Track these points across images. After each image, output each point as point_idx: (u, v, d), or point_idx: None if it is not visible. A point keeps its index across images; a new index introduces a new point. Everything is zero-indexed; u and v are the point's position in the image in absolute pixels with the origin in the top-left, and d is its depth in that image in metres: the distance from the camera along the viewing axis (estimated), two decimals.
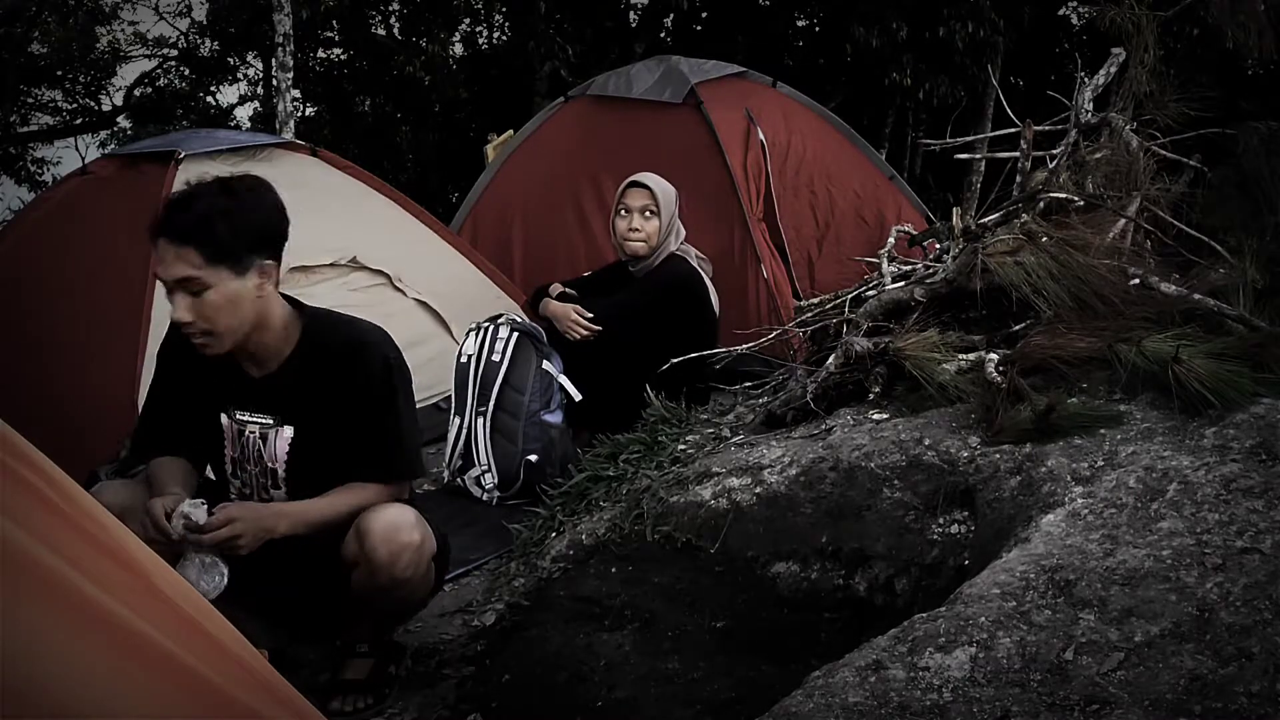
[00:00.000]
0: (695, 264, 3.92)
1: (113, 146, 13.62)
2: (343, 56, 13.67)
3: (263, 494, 2.35)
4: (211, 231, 2.07)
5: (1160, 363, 2.35)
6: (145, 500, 2.16)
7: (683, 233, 3.97)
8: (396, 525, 2.22)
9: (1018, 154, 3.35)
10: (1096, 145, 3.25)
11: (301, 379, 2.28)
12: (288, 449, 2.30)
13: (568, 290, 3.99)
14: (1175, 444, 2.21)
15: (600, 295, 3.93)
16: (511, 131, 6.42)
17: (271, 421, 2.31)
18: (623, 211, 3.88)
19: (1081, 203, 2.99)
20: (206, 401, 2.34)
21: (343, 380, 2.26)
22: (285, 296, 2.30)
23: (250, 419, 2.32)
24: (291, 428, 2.30)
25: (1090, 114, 3.37)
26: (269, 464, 2.32)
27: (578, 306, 3.85)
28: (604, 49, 11.84)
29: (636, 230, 3.85)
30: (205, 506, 2.12)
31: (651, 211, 3.83)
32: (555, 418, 3.72)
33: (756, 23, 11.98)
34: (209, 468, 2.43)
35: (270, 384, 2.29)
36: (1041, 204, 3.05)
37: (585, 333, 3.81)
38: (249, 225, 2.13)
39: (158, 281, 3.71)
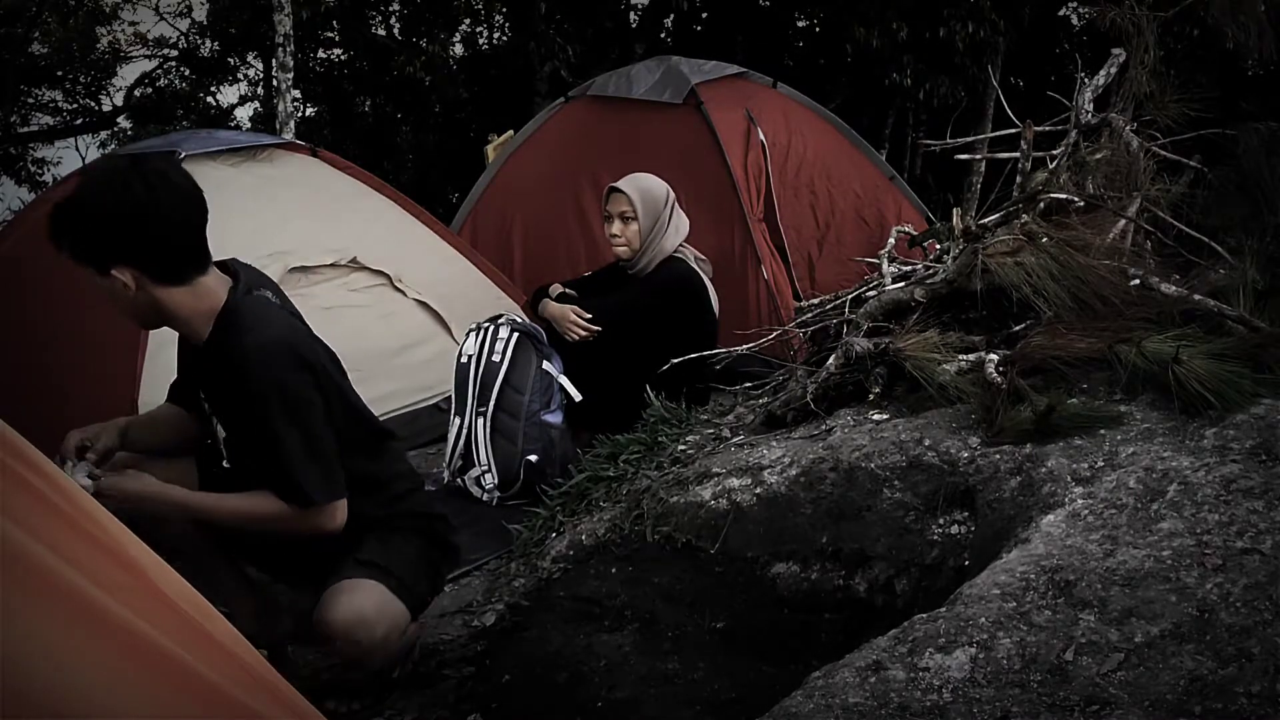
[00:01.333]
0: (694, 265, 3.92)
1: (113, 147, 13.63)
2: (343, 57, 13.67)
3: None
4: (61, 241, 2.10)
5: (1160, 363, 2.35)
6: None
7: (684, 229, 3.96)
8: (355, 626, 2.17)
9: (1018, 154, 3.35)
10: (1097, 146, 3.25)
11: (210, 374, 2.23)
12: (223, 440, 2.29)
13: (567, 291, 3.99)
14: (1175, 445, 2.21)
15: (599, 296, 3.93)
16: (512, 132, 6.43)
17: (209, 409, 2.29)
18: (607, 217, 3.90)
19: (1082, 203, 2.99)
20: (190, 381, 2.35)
21: (235, 387, 2.16)
22: (228, 269, 2.23)
23: (205, 400, 2.31)
24: (221, 425, 2.28)
25: (1090, 114, 3.37)
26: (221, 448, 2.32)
27: (575, 307, 3.85)
28: (604, 49, 11.83)
29: (616, 236, 3.86)
30: (86, 471, 2.15)
31: (629, 216, 3.84)
32: (555, 418, 3.73)
33: (756, 23, 11.98)
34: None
35: (200, 370, 2.27)
36: (1042, 204, 3.05)
37: (584, 333, 3.81)
38: (93, 236, 2.09)
39: None
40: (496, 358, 3.70)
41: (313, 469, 2.15)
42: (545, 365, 3.73)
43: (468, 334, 3.83)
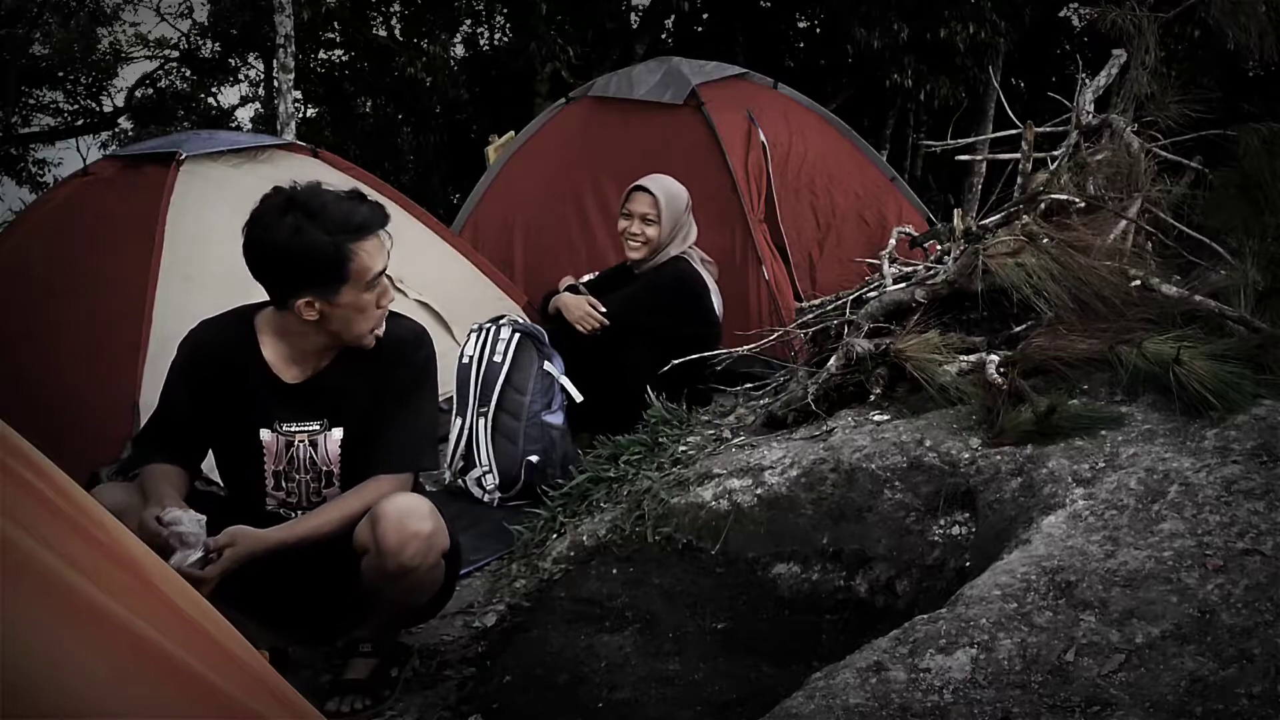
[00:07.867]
0: (699, 266, 3.93)
1: (114, 148, 13.61)
2: (344, 58, 13.67)
3: (313, 499, 2.37)
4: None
5: (1161, 364, 2.35)
6: (141, 502, 2.17)
7: (693, 235, 3.98)
8: (408, 513, 2.23)
9: (1019, 155, 3.35)
10: (1097, 146, 3.25)
11: (347, 378, 2.31)
12: (339, 449, 2.33)
13: (579, 285, 4.01)
14: (1176, 445, 2.21)
15: (604, 296, 3.94)
16: (513, 133, 6.42)
17: (319, 426, 2.33)
18: (626, 214, 3.90)
19: (1082, 204, 2.99)
20: (243, 420, 2.33)
21: (385, 377, 2.31)
22: None
23: (298, 428, 2.32)
24: (340, 429, 2.33)
25: (1091, 115, 3.37)
26: (323, 467, 2.34)
27: (593, 299, 3.86)
28: (605, 50, 11.83)
29: (635, 235, 3.87)
30: (199, 523, 2.08)
31: (652, 218, 3.85)
32: (556, 419, 3.72)
33: (757, 24, 12.00)
34: (223, 482, 2.48)
35: (313, 386, 2.31)
36: (1042, 205, 3.05)
37: (594, 325, 3.80)
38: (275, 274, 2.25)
39: (158, 283, 3.75)
40: (498, 358, 3.69)
41: (429, 443, 2.41)
42: (546, 366, 3.73)
43: (469, 335, 3.83)
